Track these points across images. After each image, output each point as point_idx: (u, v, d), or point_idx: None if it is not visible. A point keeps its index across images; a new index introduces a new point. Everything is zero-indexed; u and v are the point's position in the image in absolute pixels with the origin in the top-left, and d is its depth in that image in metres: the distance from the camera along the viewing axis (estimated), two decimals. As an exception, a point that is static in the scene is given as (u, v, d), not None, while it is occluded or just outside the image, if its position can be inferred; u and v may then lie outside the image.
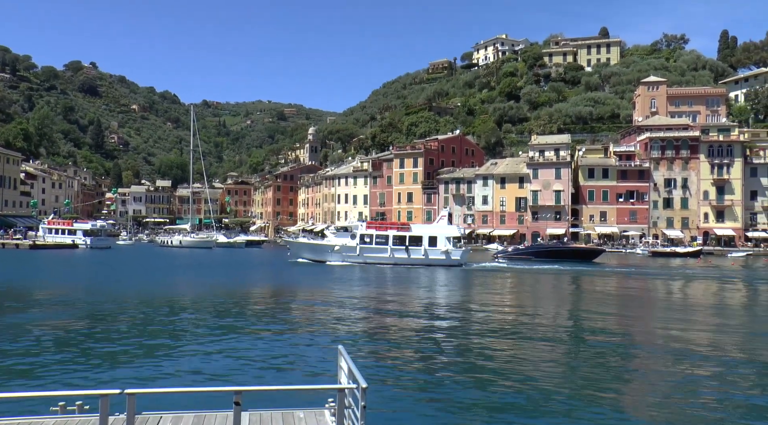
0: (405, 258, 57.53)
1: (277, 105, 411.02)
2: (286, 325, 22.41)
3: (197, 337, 19.57)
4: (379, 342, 19.43)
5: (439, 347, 18.70)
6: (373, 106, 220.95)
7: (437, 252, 57.48)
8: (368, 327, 22.61)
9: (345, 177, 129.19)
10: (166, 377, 14.22)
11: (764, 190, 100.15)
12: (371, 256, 58.43)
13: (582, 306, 31.24)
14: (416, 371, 15.47)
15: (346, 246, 59.59)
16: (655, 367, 16.35)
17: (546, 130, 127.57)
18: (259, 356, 16.65)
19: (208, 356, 16.65)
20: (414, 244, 57.89)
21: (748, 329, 23.49)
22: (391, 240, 58.32)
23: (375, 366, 15.49)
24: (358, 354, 16.80)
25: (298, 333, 20.65)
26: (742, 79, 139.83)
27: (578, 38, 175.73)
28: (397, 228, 61.00)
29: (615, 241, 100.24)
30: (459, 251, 57.81)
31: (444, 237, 58.09)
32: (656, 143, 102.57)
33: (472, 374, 15.12)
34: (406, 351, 18.18)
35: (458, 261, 57.13)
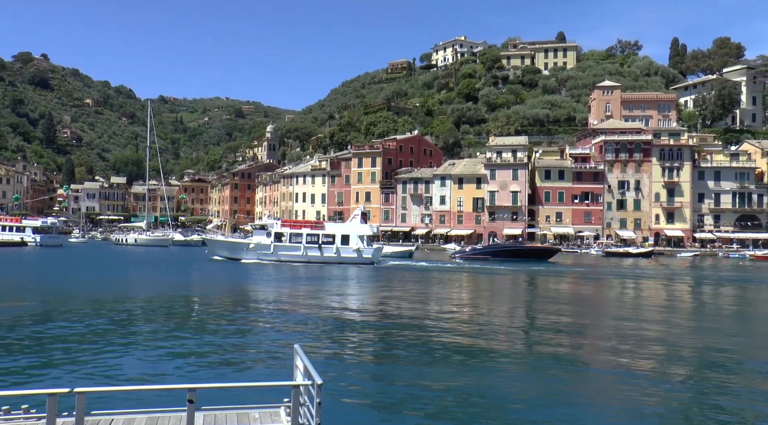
0: (318, 256, 57.76)
1: (235, 102, 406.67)
2: (236, 325, 22.19)
3: (148, 336, 19.24)
4: (328, 341, 19.38)
5: (389, 343, 18.74)
6: (332, 105, 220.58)
7: (349, 251, 57.91)
8: (318, 326, 22.54)
9: (303, 175, 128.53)
10: (117, 376, 13.94)
11: (711, 193, 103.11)
12: (285, 254, 58.41)
13: (504, 301, 31.72)
14: (370, 367, 15.49)
15: (261, 244, 59.36)
16: (602, 364, 16.66)
17: (503, 131, 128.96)
18: (212, 354, 16.46)
19: (160, 355, 16.38)
20: (327, 243, 58.18)
21: (693, 325, 24.14)
22: (305, 238, 58.45)
23: (329, 364, 15.44)
24: (313, 352, 16.73)
25: (252, 333, 20.48)
26: (691, 86, 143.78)
27: (536, 42, 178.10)
28: (311, 227, 61.27)
29: (570, 241, 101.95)
30: (371, 249, 58.23)
31: (356, 235, 58.47)
32: (610, 146, 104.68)
33: (427, 369, 15.20)
34: (357, 348, 18.18)
35: (370, 259, 57.64)
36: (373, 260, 58.12)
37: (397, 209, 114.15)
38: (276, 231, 59.58)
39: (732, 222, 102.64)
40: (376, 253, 59.40)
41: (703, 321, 25.89)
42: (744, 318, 27.88)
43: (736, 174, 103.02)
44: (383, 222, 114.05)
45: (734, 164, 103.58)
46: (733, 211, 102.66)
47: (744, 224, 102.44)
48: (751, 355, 18.29)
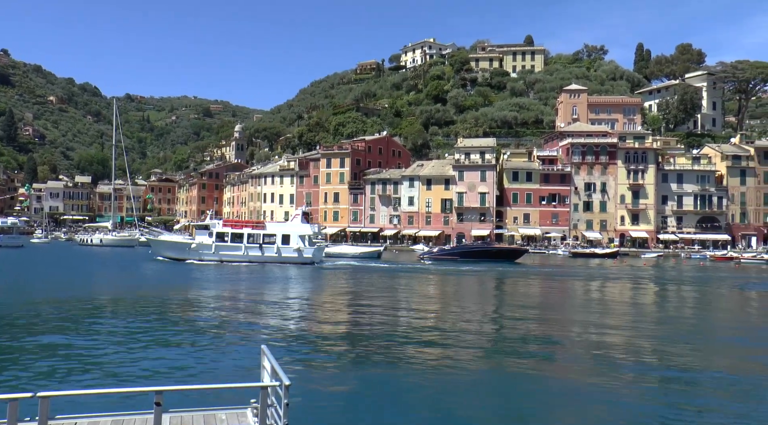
0: (259, 256, 57.62)
1: (203, 101, 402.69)
2: (199, 327, 21.98)
3: (107, 339, 18.94)
4: (295, 341, 19.30)
5: (356, 343, 18.73)
6: (301, 105, 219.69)
7: (290, 250, 57.87)
8: (283, 326, 22.43)
9: (271, 176, 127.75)
10: (82, 379, 13.69)
11: (674, 195, 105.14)
12: (226, 254, 58.16)
13: (463, 300, 31.96)
14: (337, 368, 15.46)
15: (203, 244, 59.02)
16: (569, 362, 16.84)
17: (472, 133, 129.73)
18: (178, 357, 16.26)
19: (125, 357, 16.13)
20: (268, 242, 58.12)
21: (654, 324, 24.54)
22: (246, 238, 58.29)
23: (297, 365, 15.37)
24: (280, 353, 16.63)
25: (216, 334, 20.30)
26: (655, 90, 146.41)
27: (504, 45, 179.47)
28: (252, 227, 61.09)
29: (537, 242, 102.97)
30: (311, 249, 58.20)
31: (297, 235, 58.45)
32: (577, 149, 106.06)
33: (393, 369, 15.22)
34: (324, 349, 18.13)
35: (310, 259, 57.68)
36: (314, 260, 58.12)
37: (366, 210, 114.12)
38: (218, 231, 59.25)
39: (694, 224, 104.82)
40: (317, 253, 59.42)
41: (665, 323, 26.32)
42: (704, 321, 28.43)
43: (697, 177, 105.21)
44: (351, 223, 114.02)
45: (696, 167, 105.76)
46: (694, 212, 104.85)
47: (705, 226, 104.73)
48: (710, 362, 18.67)
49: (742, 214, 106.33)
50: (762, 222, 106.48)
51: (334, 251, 78.56)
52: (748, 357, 18.46)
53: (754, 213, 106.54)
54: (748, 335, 23.18)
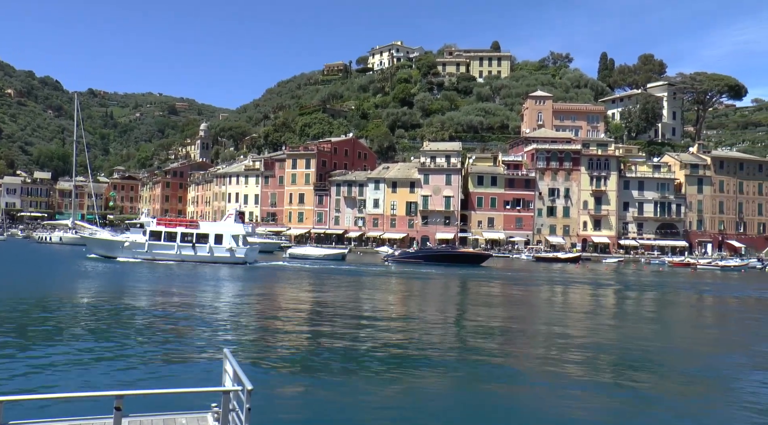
0: (191, 256, 57.12)
1: (169, 98, 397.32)
2: (153, 328, 21.61)
3: (69, 340, 18.49)
4: (257, 345, 19.09)
5: (318, 347, 18.58)
6: (267, 105, 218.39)
7: (222, 250, 57.52)
8: (246, 329, 22.19)
9: (236, 175, 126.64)
10: (38, 383, 13.30)
11: (635, 202, 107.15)
12: (159, 253, 57.55)
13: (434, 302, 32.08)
14: (300, 372, 15.30)
15: (136, 242, 58.32)
16: (532, 372, 16.94)
17: (438, 136, 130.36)
18: (139, 360, 15.92)
19: (83, 361, 15.73)
20: (201, 242, 57.76)
21: (614, 329, 24.89)
22: (179, 237, 57.76)
23: (259, 370, 15.18)
24: (243, 356, 16.42)
25: (173, 336, 19.97)
26: (618, 99, 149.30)
27: (471, 50, 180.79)
28: (186, 226, 60.46)
29: (501, 246, 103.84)
30: (243, 249, 57.85)
31: (230, 235, 58.06)
32: (542, 154, 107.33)
33: (355, 374, 15.14)
34: (286, 353, 17.96)
35: (243, 259, 57.34)
36: (246, 260, 57.64)
37: (331, 211, 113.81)
38: (151, 229, 58.57)
39: (653, 230, 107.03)
40: (250, 253, 58.94)
41: (623, 326, 26.72)
42: (660, 323, 28.92)
43: (657, 184, 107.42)
44: (316, 224, 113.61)
45: (656, 175, 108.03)
46: (654, 219, 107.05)
47: (664, 232, 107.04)
48: (667, 359, 18.97)
49: (699, 222, 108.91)
50: (717, 229, 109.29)
51: (299, 253, 78.16)
52: (705, 363, 18.79)
53: (710, 220, 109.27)
54: (705, 341, 23.64)
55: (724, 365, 18.06)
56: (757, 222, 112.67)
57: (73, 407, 9.16)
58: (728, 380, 16.03)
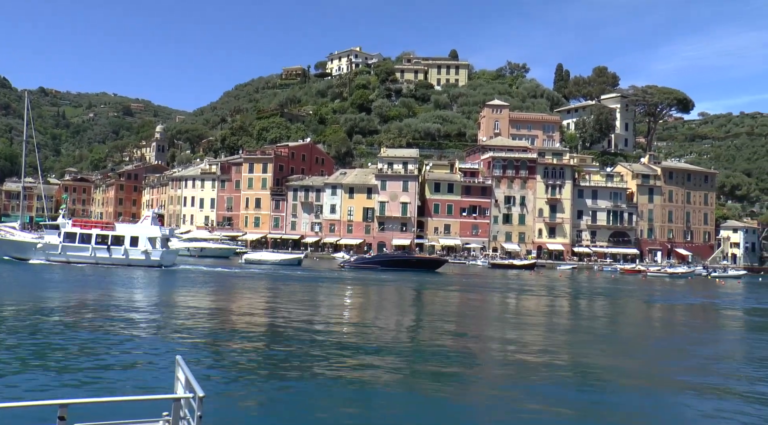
0: (106, 258, 55.72)
1: (124, 99, 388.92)
2: (100, 334, 20.95)
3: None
4: (209, 351, 18.64)
5: (272, 353, 18.23)
6: (225, 108, 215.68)
7: (138, 253, 56.27)
8: (199, 335, 21.68)
9: (192, 179, 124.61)
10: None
11: (588, 210, 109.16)
12: (73, 255, 56.05)
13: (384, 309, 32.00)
14: (253, 379, 14.88)
15: (50, 244, 56.68)
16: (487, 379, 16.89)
17: (395, 143, 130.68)
18: (85, 367, 15.31)
19: (22, 369, 14.99)
20: (116, 244, 56.42)
21: (567, 335, 25.12)
22: (94, 239, 56.40)
23: (213, 377, 14.76)
24: (195, 363, 15.97)
25: (121, 342, 19.37)
26: (573, 109, 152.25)
27: (429, 58, 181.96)
28: (102, 227, 59.15)
29: (457, 253, 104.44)
30: (159, 252, 56.69)
31: (145, 237, 56.78)
32: (498, 162, 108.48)
33: (311, 380, 14.85)
34: (240, 359, 17.56)
35: (158, 261, 56.25)
36: (162, 263, 56.47)
37: (288, 216, 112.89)
38: (66, 231, 56.88)
39: (606, 238, 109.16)
40: (166, 256, 57.80)
41: (576, 332, 26.97)
42: (612, 329, 29.31)
43: (610, 193, 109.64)
44: (273, 229, 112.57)
45: (609, 184, 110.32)
46: (607, 227, 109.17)
47: (616, 240, 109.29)
48: (618, 365, 19.17)
49: (650, 230, 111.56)
50: (666, 238, 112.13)
51: (254, 258, 77.27)
52: (653, 368, 19.04)
53: (660, 229, 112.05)
54: (653, 346, 24.00)
55: (673, 382, 18.30)
56: (702, 231, 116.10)
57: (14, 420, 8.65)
58: (672, 392, 16.23)
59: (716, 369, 18.32)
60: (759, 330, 31.18)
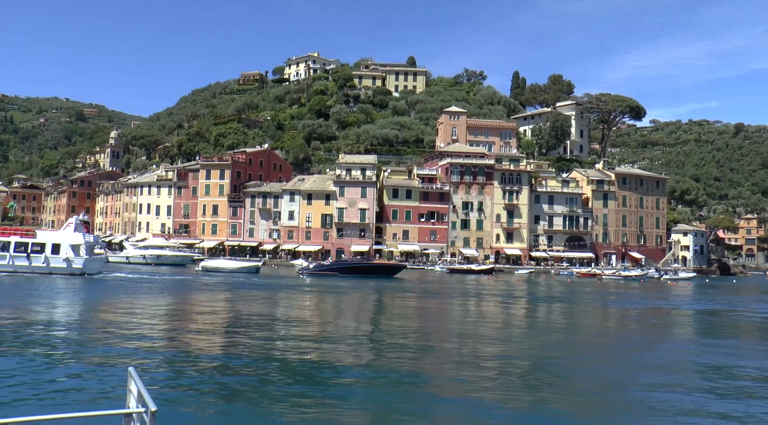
0: (26, 266, 54.04)
1: (76, 104, 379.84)
2: (46, 346, 20.41)
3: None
4: (164, 363, 18.29)
5: (228, 364, 17.92)
6: (181, 113, 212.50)
7: (59, 261, 54.53)
8: (153, 346, 21.27)
9: (148, 186, 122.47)
10: None
11: (545, 215, 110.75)
12: None
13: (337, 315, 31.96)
14: (208, 392, 14.59)
15: None
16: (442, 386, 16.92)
17: (353, 149, 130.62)
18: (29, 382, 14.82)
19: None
20: (37, 252, 54.70)
21: (522, 338, 25.37)
22: (13, 246, 54.57)
23: (166, 390, 14.43)
24: (149, 375, 15.63)
25: (78, 356, 18.87)
26: (530, 116, 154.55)
27: (387, 64, 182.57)
28: (21, 235, 57.23)
29: (416, 258, 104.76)
30: (82, 259, 54.96)
31: (68, 245, 55.05)
32: (456, 168, 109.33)
33: (267, 393, 14.67)
34: (194, 371, 17.26)
35: (81, 270, 54.56)
36: (85, 271, 54.67)
37: (245, 223, 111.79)
38: None
39: (563, 243, 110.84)
40: (90, 264, 55.88)
41: (532, 336, 27.24)
42: (568, 332, 29.69)
43: (566, 199, 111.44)
44: (230, 236, 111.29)
45: (565, 190, 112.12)
46: (563, 232, 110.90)
47: (572, 244, 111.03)
48: (575, 368, 19.42)
49: (605, 234, 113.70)
50: (620, 241, 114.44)
51: (212, 265, 76.29)
52: (607, 376, 19.34)
53: (614, 233, 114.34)
54: (604, 354, 24.40)
55: (622, 378, 18.61)
56: (655, 235, 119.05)
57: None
58: (624, 392, 16.51)
59: (667, 376, 18.69)
60: (709, 332, 31.99)
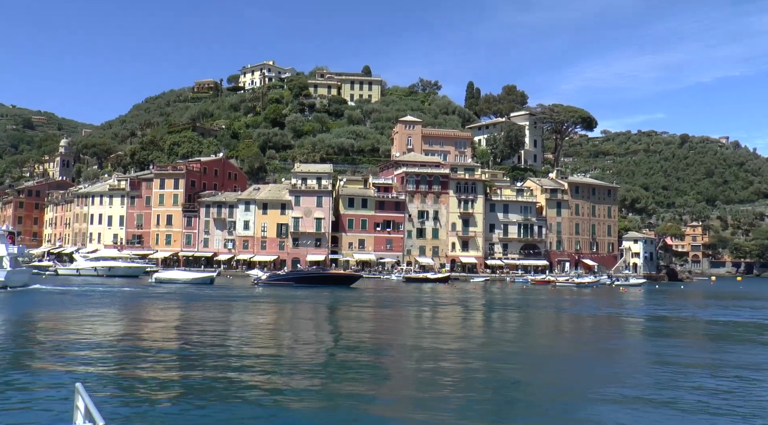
0: None
1: (24, 111, 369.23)
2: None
3: None
4: (115, 377, 17.90)
5: (179, 378, 17.61)
6: (134, 121, 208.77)
7: None
8: (104, 361, 20.79)
9: (100, 195, 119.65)
10: None
11: (500, 224, 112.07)
12: None
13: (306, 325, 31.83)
14: (159, 407, 14.31)
15: None
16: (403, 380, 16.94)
17: (309, 158, 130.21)
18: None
19: None
20: None
21: (479, 345, 25.58)
22: None
23: (115, 405, 14.10)
24: (96, 390, 15.25)
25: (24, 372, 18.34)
26: (484, 126, 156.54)
27: (343, 73, 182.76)
28: None
29: (372, 268, 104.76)
30: (4, 272, 53.04)
31: None
32: (411, 177, 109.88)
33: (222, 407, 14.46)
34: (146, 385, 16.92)
35: (2, 283, 52.38)
36: (7, 283, 52.58)
37: (200, 233, 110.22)
38: None
39: (517, 251, 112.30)
40: (14, 276, 53.94)
41: (488, 347, 27.48)
42: (524, 342, 30.04)
43: (521, 207, 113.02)
44: (185, 247, 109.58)
45: (520, 199, 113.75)
46: (518, 240, 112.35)
47: (527, 252, 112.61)
48: (531, 375, 19.65)
49: (558, 242, 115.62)
50: (574, 249, 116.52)
51: (165, 277, 75.02)
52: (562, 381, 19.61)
53: (568, 241, 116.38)
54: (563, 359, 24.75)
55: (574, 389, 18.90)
56: (607, 242, 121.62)
57: None
58: (581, 402, 16.77)
59: (621, 381, 19.05)
60: (656, 336, 32.74)
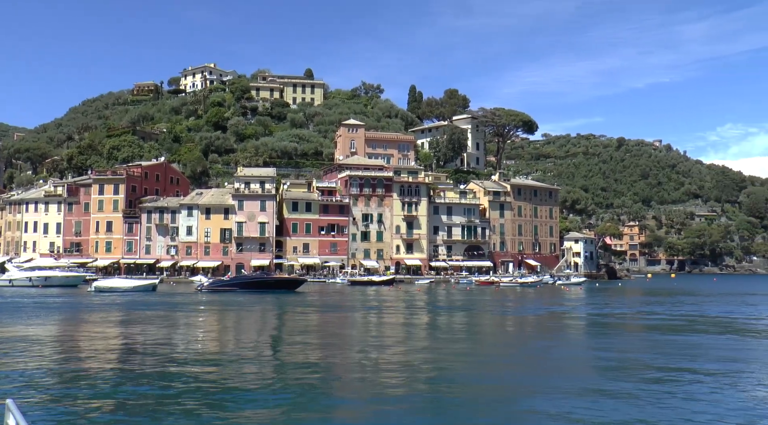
0: None
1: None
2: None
3: None
4: (48, 393, 17.56)
5: (120, 391, 17.35)
6: (71, 125, 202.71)
7: None
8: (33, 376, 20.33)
9: (35, 202, 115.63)
10: None
11: (444, 226, 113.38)
12: None
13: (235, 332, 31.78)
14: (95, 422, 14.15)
15: None
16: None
17: (252, 162, 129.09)
18: None
19: None
20: None
21: (425, 348, 25.99)
22: None
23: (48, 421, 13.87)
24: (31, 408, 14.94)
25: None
26: (427, 129, 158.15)
27: (285, 76, 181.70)
28: None
29: (317, 271, 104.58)
30: None
31: None
32: (355, 181, 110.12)
33: (162, 419, 14.39)
34: (81, 401, 16.67)
35: None
36: None
37: (142, 240, 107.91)
38: None
39: (461, 252, 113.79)
40: None
41: (432, 350, 27.90)
42: (469, 341, 30.60)
43: (464, 209, 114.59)
44: (126, 254, 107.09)
45: (463, 201, 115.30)
46: (462, 242, 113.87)
47: (471, 254, 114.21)
48: (476, 374, 20.11)
49: (502, 243, 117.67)
50: (517, 250, 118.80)
51: (105, 285, 73.14)
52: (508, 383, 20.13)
53: (511, 242, 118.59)
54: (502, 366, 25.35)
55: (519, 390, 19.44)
56: (549, 243, 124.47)
57: None
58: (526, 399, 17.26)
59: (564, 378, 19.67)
60: (596, 334, 33.82)
